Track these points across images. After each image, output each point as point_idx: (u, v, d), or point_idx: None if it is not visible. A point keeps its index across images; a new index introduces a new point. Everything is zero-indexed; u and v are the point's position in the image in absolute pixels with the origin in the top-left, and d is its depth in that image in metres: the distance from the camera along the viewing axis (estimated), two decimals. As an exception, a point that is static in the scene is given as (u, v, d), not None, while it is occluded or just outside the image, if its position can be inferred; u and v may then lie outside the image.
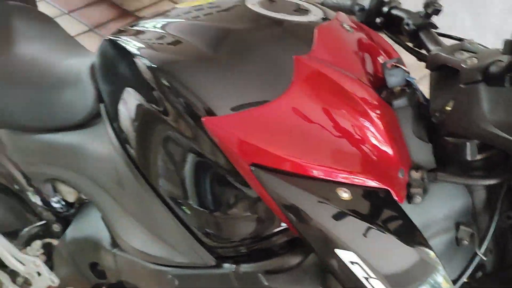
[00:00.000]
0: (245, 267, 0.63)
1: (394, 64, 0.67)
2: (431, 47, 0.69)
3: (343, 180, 0.57)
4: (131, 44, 0.70)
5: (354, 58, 0.68)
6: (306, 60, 0.61)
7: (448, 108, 0.63)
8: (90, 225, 0.90)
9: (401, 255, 0.58)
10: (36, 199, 0.94)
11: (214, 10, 0.75)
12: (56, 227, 0.95)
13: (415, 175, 0.64)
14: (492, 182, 0.62)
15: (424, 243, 0.59)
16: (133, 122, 0.69)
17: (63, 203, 0.94)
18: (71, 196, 0.93)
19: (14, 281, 1.08)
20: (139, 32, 0.74)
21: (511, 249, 0.68)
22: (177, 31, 0.70)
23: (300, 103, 0.58)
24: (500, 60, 0.56)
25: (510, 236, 0.68)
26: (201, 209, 0.64)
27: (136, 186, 0.71)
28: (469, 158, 0.62)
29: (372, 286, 0.54)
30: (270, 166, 0.56)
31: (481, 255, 0.65)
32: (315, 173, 0.57)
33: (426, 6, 0.69)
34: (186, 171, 0.63)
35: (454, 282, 0.64)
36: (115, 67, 0.73)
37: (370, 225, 0.56)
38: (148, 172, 0.68)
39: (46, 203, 0.94)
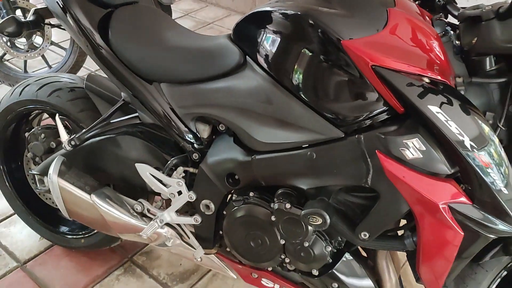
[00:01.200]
0: (366, 134, 1.04)
1: (438, 18, 1.13)
2: (456, 12, 1.15)
3: (429, 75, 0.99)
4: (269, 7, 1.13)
5: (418, 13, 1.14)
6: (394, 10, 1.06)
7: (473, 41, 1.08)
8: (224, 151, 1.27)
9: (476, 123, 0.97)
10: (181, 135, 1.32)
11: None
12: (195, 156, 1.33)
13: (459, 79, 1.08)
14: (502, 79, 1.06)
15: (484, 118, 1.00)
16: (279, 56, 1.10)
17: (199, 138, 1.32)
18: (205, 133, 1.32)
19: (152, 203, 1.44)
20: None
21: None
22: None
23: (397, 31, 1.02)
24: (507, 4, 1.02)
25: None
26: (330, 98, 1.05)
27: (278, 95, 1.10)
28: (488, 67, 1.07)
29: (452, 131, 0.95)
30: (381, 64, 0.98)
31: (501, 126, 1.08)
32: (413, 70, 0.99)
33: None
34: (319, 72, 1.04)
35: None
36: (260, 24, 1.15)
37: (457, 100, 0.98)
38: (291, 84, 1.07)
39: (188, 138, 1.32)
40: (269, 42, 1.13)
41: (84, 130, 1.40)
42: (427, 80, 0.99)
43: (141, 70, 1.31)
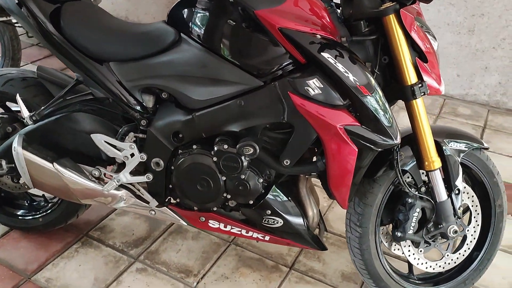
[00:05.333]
0: (279, 81, 1.36)
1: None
2: None
3: (322, 34, 1.34)
4: None
5: None
6: None
7: (350, 11, 1.45)
8: (168, 114, 1.53)
9: (362, 69, 1.34)
10: (130, 106, 1.56)
11: None
12: (143, 122, 1.57)
13: (343, 39, 1.44)
14: (374, 37, 1.44)
15: (366, 68, 1.37)
16: (208, 29, 1.40)
17: (145, 107, 1.58)
18: (150, 103, 1.57)
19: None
20: None
21: (388, 77, 1.50)
22: None
23: (297, 4, 1.37)
24: None
25: (386, 68, 1.49)
26: (250, 56, 1.38)
27: (210, 59, 1.39)
28: (363, 29, 1.44)
29: (340, 71, 1.30)
30: (285, 27, 1.32)
31: (377, 72, 1.45)
32: (309, 30, 1.33)
33: None
34: (240, 37, 1.36)
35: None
36: (189, 7, 1.44)
37: (345, 51, 1.33)
38: (219, 49, 1.38)
39: (136, 107, 1.57)
40: (198, 19, 1.44)
41: (43, 107, 1.60)
42: (320, 37, 1.35)
43: (92, 53, 1.55)
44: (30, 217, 1.93)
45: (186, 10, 1.47)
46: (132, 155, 1.59)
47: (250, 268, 1.86)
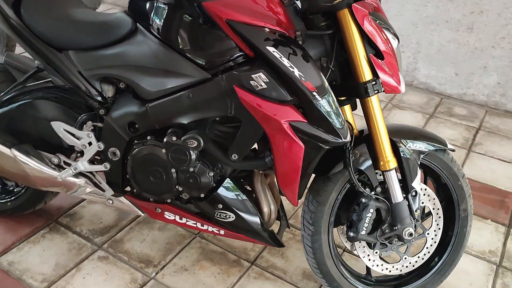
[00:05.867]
0: (226, 74, 1.34)
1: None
2: None
3: (270, 27, 1.31)
4: None
5: None
6: None
7: (306, 6, 1.41)
8: (124, 104, 1.53)
9: (312, 66, 1.30)
10: (89, 95, 1.57)
11: None
12: (101, 111, 1.58)
13: (298, 33, 1.40)
14: (330, 31, 1.40)
15: (316, 65, 1.33)
16: (161, 21, 1.39)
17: (104, 97, 1.58)
18: (109, 92, 1.58)
19: (68, 157, 1.68)
20: None
21: (346, 71, 1.46)
22: None
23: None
24: None
25: (345, 65, 1.45)
26: (199, 48, 1.36)
27: (162, 51, 1.38)
28: (319, 23, 1.41)
29: (285, 65, 1.27)
30: (233, 19, 1.29)
31: (331, 68, 1.41)
32: (257, 23, 1.31)
33: None
34: (189, 29, 1.34)
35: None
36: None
37: (293, 45, 1.30)
38: (170, 40, 1.36)
39: (95, 97, 1.58)
40: (153, 11, 1.42)
41: (2, 93, 1.62)
42: (268, 30, 1.32)
43: (52, 41, 1.55)
44: (0, 201, 1.96)
45: (143, 1, 1.46)
46: (90, 143, 1.60)
47: (211, 262, 1.86)
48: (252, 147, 1.50)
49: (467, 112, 3.09)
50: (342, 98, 1.50)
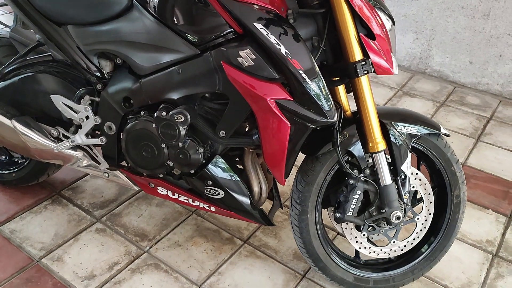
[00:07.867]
0: (215, 50, 1.35)
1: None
2: None
3: (260, 4, 1.31)
4: None
5: None
6: None
7: None
8: (120, 80, 1.57)
9: (304, 50, 1.30)
10: (87, 69, 1.61)
11: None
12: (99, 86, 1.62)
13: (290, 11, 1.40)
14: (322, 10, 1.39)
15: (309, 51, 1.33)
16: None
17: (102, 72, 1.61)
18: (107, 68, 1.61)
19: (67, 130, 1.72)
20: None
21: (338, 52, 1.45)
22: None
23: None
24: None
25: (337, 43, 1.44)
26: (190, 24, 1.37)
27: (155, 27, 1.41)
28: (312, 1, 1.40)
29: (272, 42, 1.27)
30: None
31: (322, 47, 1.41)
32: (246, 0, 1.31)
33: None
34: (181, 4, 1.36)
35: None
36: None
37: (282, 22, 1.30)
38: (164, 17, 1.39)
39: (93, 71, 1.61)
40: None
41: (4, 66, 1.68)
42: (257, 7, 1.32)
43: (52, 15, 1.59)
44: (4, 172, 2.03)
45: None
46: (87, 117, 1.64)
47: (204, 238, 1.89)
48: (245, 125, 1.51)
49: (480, 101, 3.02)
50: (336, 79, 1.49)
